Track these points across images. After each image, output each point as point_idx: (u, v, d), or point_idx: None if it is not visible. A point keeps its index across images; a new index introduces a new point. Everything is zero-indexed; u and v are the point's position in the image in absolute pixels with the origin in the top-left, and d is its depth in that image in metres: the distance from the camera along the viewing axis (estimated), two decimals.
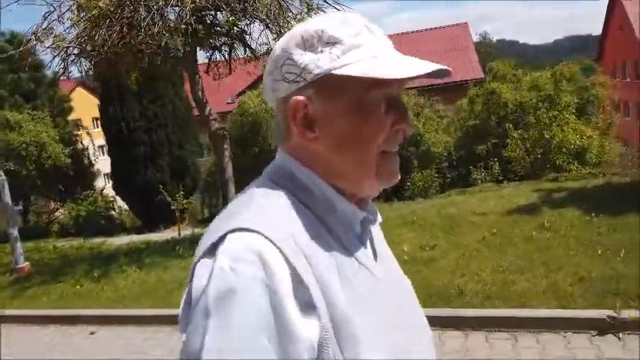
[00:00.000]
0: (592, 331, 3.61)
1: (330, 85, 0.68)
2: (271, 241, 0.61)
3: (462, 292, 4.34)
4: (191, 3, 5.57)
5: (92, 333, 4.92)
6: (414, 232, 6.20)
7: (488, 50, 45.33)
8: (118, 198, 14.64)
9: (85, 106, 21.10)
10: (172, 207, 11.37)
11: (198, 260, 0.65)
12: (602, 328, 3.59)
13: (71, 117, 17.88)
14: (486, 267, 4.78)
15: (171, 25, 5.51)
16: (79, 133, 16.28)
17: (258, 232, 0.61)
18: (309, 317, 0.60)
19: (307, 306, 0.60)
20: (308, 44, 0.69)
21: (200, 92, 7.04)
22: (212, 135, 7.28)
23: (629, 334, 3.52)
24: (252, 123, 13.68)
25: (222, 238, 0.63)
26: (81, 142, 15.66)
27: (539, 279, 4.38)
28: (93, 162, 16.32)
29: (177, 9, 5.75)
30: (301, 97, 0.69)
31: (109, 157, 14.36)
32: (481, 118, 13.67)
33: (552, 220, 5.68)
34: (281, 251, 0.61)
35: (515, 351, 3.56)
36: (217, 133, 7.09)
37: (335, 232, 0.70)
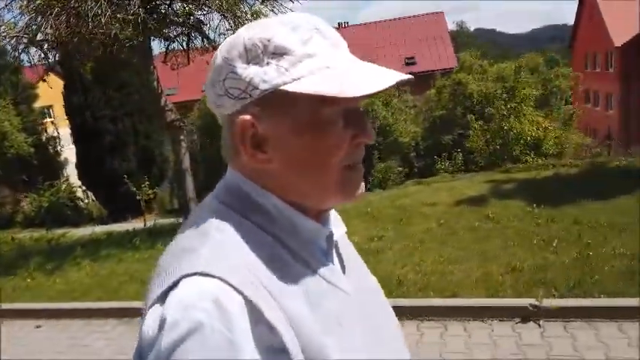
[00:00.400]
0: (516, 319, 3.79)
1: (279, 101, 0.62)
2: (231, 285, 0.56)
3: (401, 282, 4.48)
4: None
5: (38, 327, 4.93)
6: (367, 223, 6.33)
7: (465, 40, 45.65)
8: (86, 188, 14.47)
9: (58, 93, 20.58)
10: (137, 197, 11.33)
11: (150, 307, 0.58)
12: (524, 316, 3.77)
13: (43, 104, 17.46)
14: (428, 258, 4.94)
15: (119, 15, 5.44)
16: (46, 121, 15.95)
17: (215, 276, 0.56)
18: None
19: (277, 352, 0.56)
20: (252, 55, 0.62)
21: (155, 83, 6.99)
22: (168, 126, 7.25)
23: (549, 321, 3.70)
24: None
25: (175, 284, 0.57)
26: (45, 131, 15.35)
27: (474, 269, 4.55)
28: (59, 151, 16.05)
29: None
30: (248, 117, 0.62)
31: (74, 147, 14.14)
32: (447, 109, 13.87)
33: (496, 211, 5.87)
34: (243, 295, 0.56)
35: (442, 339, 3.72)
36: (173, 124, 7.07)
37: (299, 255, 0.66)
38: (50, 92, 19.16)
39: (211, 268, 0.57)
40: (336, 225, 0.77)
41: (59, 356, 4.25)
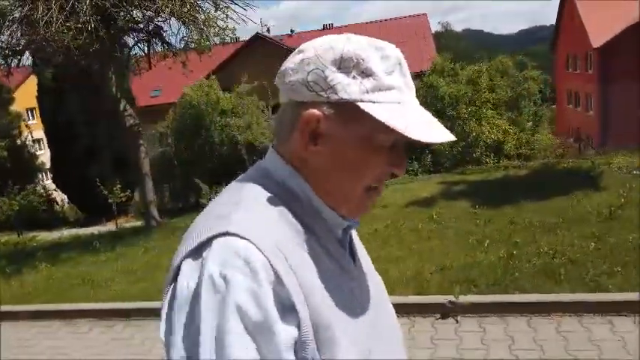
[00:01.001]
0: (436, 315, 3.99)
1: (348, 112, 0.70)
2: (258, 248, 0.64)
3: None
4: (91, 2, 5.66)
5: None
6: None
7: (449, 41, 46.01)
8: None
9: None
10: (110, 200, 11.43)
11: (183, 259, 0.66)
12: (444, 312, 3.98)
13: (25, 107, 17.49)
14: (397, 256, 5.10)
15: (69, 24, 5.58)
16: (20, 124, 15.96)
17: (246, 238, 0.64)
18: (289, 319, 0.63)
19: (288, 309, 0.64)
20: (344, 65, 0.70)
21: (114, 88, 7.12)
22: (127, 131, 7.37)
23: (466, 317, 3.91)
24: (194, 116, 13.69)
25: (209, 240, 0.65)
26: (20, 135, 15.36)
27: (409, 268, 4.75)
28: (35, 154, 16.07)
29: (78, 7, 5.82)
30: (318, 112, 0.70)
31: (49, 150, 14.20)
32: None
33: (441, 212, 6.09)
34: (267, 258, 0.63)
35: None
36: (132, 129, 7.20)
37: (321, 238, 0.74)
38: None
39: (243, 232, 0.64)
40: (354, 220, 0.84)
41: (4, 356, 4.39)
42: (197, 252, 0.65)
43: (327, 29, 33.30)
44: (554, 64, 36.62)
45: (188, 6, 6.25)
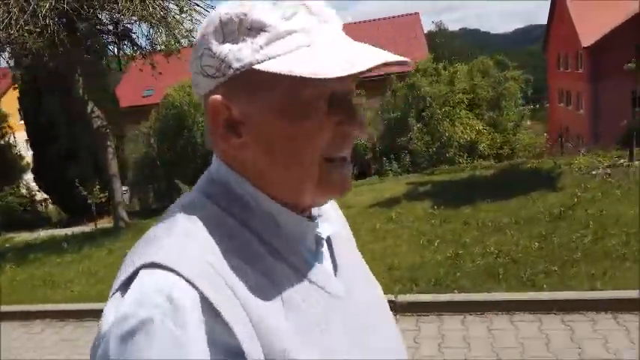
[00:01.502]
0: None
1: (255, 81, 0.57)
2: (187, 279, 0.52)
3: None
4: (50, 5, 5.73)
5: None
6: None
7: (442, 41, 46.12)
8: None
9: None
10: (89, 201, 11.50)
11: (112, 295, 0.56)
12: None
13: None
14: None
15: (29, 27, 5.65)
16: (4, 125, 16.04)
17: (171, 269, 0.52)
18: None
19: (234, 354, 0.52)
20: (227, 31, 0.57)
21: (81, 90, 7.20)
22: (94, 132, 7.45)
23: (405, 315, 3.99)
24: (176, 117, 13.78)
25: (135, 273, 0.54)
26: (4, 135, 15.44)
27: None
28: (20, 155, 16.13)
29: (38, 10, 5.89)
30: (219, 97, 0.58)
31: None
32: (402, 111, 14.19)
33: (402, 213, 6.17)
34: (198, 291, 0.51)
35: None
36: (99, 130, 7.27)
37: (280, 253, 0.60)
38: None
39: (170, 260, 0.53)
40: (331, 221, 0.70)
41: None
42: (125, 287, 0.55)
43: None
44: (545, 63, 36.83)
45: (151, 8, 6.32)
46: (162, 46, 7.17)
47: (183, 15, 6.76)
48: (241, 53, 0.56)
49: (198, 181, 0.66)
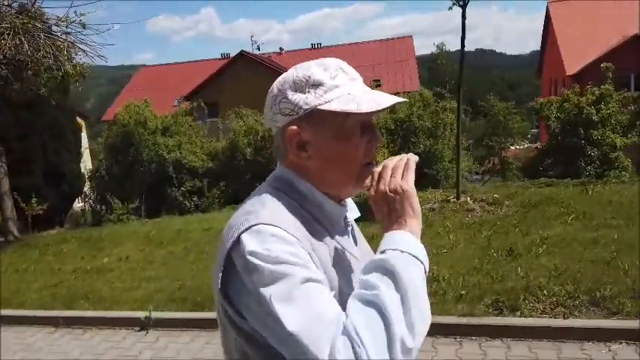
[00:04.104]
0: (136, 328, 4.76)
1: (317, 117, 0.92)
2: (283, 229, 0.86)
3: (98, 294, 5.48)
4: None
5: None
6: (138, 243, 7.35)
7: (444, 62, 46.67)
8: None
9: None
10: (26, 212, 12.41)
11: (236, 240, 0.86)
12: (142, 325, 4.76)
13: None
14: (159, 275, 5.93)
15: None
16: None
17: (273, 224, 0.86)
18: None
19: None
20: (298, 86, 0.94)
21: None
22: None
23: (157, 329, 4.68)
24: (124, 134, 14.66)
25: (251, 227, 0.86)
26: None
27: (167, 285, 5.53)
28: None
29: None
30: (295, 127, 0.94)
31: None
32: None
33: None
34: (289, 233, 0.86)
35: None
36: None
37: (325, 226, 0.96)
38: None
39: (270, 220, 0.87)
40: (352, 210, 1.09)
41: None
42: (238, 242, 0.85)
43: (314, 49, 34.83)
44: (541, 88, 37.16)
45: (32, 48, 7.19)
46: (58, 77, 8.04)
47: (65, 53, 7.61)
48: (308, 100, 0.93)
49: (267, 180, 1.03)
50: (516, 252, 5.01)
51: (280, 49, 36.86)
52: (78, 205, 17.55)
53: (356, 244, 1.07)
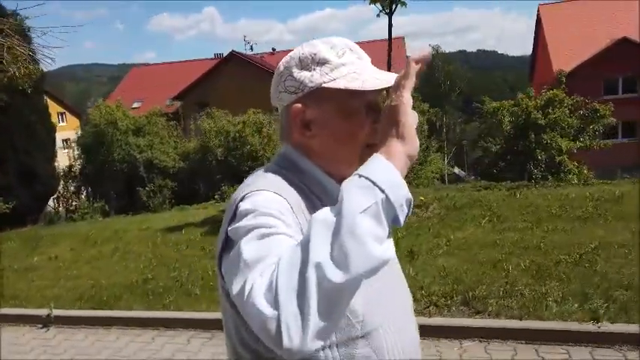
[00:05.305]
0: (39, 325, 4.89)
1: (321, 95, 0.92)
2: (278, 194, 0.86)
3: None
4: None
5: None
6: (79, 244, 7.50)
7: (440, 63, 46.71)
8: None
9: None
10: None
11: (237, 203, 0.86)
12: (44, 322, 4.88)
13: None
14: (80, 274, 6.06)
15: None
16: None
17: (270, 190, 0.87)
18: None
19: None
20: (304, 64, 0.93)
21: None
22: None
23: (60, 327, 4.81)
24: (95, 134, 14.89)
25: (247, 194, 0.86)
26: None
27: (84, 282, 5.66)
28: None
29: None
30: (299, 105, 0.93)
31: None
32: None
33: (177, 239, 7.01)
34: (284, 198, 0.86)
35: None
36: None
37: (324, 201, 0.93)
38: None
39: (266, 187, 0.88)
40: None
41: None
42: (235, 213, 0.85)
43: None
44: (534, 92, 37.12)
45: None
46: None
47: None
48: (314, 77, 0.92)
49: (273, 158, 1.04)
50: (417, 253, 5.11)
51: (273, 49, 37.12)
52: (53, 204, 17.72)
53: None
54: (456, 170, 38.40)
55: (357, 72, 0.92)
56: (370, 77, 0.91)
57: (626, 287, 3.86)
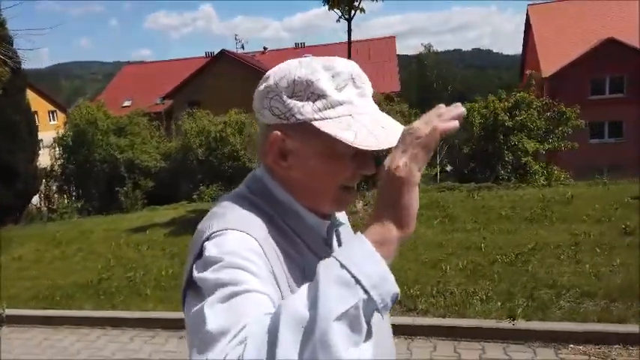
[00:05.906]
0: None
1: (307, 130, 0.81)
2: (247, 233, 0.78)
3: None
4: None
5: None
6: (45, 245, 7.62)
7: (431, 63, 47.00)
8: None
9: None
10: None
11: (195, 256, 0.78)
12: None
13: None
14: (39, 274, 6.18)
15: None
16: None
17: (238, 229, 0.78)
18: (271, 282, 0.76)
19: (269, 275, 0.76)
20: (297, 90, 0.82)
21: None
22: None
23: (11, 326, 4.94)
24: (76, 134, 14.98)
25: (214, 233, 0.78)
26: None
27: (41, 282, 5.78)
28: None
29: None
30: (279, 133, 0.83)
31: None
32: None
33: (144, 239, 7.14)
34: (254, 238, 0.78)
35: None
36: None
37: (304, 239, 0.87)
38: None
39: (236, 226, 0.79)
40: (341, 216, 1.00)
41: None
42: (201, 252, 0.77)
43: (298, 48, 35.22)
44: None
45: None
46: None
47: None
48: (304, 110, 0.81)
49: (246, 179, 0.95)
50: None
51: (264, 48, 37.22)
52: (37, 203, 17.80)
53: None
54: (449, 169, 38.74)
55: (353, 116, 0.81)
56: (366, 130, 0.80)
57: (550, 286, 4.02)
